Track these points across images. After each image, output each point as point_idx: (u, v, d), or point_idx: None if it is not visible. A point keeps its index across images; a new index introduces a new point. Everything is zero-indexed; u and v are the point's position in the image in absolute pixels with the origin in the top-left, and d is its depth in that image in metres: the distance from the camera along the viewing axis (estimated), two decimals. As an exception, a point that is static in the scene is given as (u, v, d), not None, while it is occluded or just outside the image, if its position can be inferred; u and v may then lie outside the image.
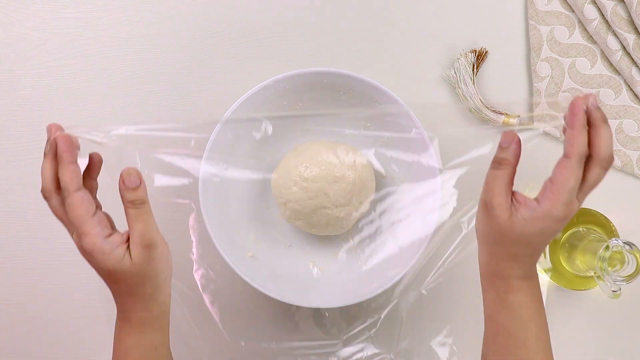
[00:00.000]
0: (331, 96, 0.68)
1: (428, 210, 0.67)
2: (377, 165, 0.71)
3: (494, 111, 0.74)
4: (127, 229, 0.53)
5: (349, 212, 0.68)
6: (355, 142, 0.72)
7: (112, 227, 0.54)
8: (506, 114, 0.74)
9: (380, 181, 0.71)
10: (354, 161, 0.68)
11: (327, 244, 0.72)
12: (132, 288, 0.53)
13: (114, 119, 0.75)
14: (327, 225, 0.68)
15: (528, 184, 0.75)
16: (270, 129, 0.69)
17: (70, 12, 0.76)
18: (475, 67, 0.74)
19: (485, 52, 0.75)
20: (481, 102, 0.74)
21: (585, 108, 0.49)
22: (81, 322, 0.76)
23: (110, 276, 0.53)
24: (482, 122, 0.74)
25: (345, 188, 0.67)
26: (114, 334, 0.57)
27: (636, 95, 0.75)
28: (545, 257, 0.71)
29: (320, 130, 0.72)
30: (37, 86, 0.75)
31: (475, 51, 0.74)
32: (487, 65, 0.76)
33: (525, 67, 0.76)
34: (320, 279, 0.69)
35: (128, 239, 0.53)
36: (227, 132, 0.67)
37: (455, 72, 0.74)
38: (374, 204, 0.71)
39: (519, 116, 0.74)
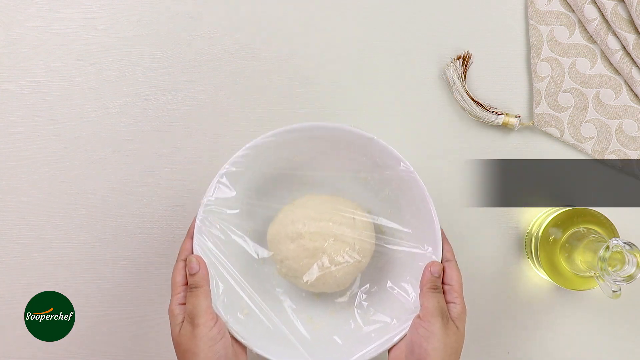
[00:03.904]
0: (331, 148, 0.66)
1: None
2: (377, 221, 0.69)
3: (494, 112, 0.74)
4: None
5: (346, 271, 0.66)
6: (354, 196, 0.69)
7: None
8: (506, 113, 0.74)
9: (380, 238, 0.69)
10: (354, 219, 0.66)
11: (323, 300, 0.70)
12: (180, 358, 0.61)
13: (113, 119, 0.75)
14: (324, 284, 0.66)
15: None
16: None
17: (70, 12, 0.76)
18: (463, 72, 0.74)
19: (470, 56, 0.75)
20: (477, 103, 0.74)
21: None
22: (80, 323, 0.76)
23: (172, 340, 0.61)
24: (481, 126, 0.75)
25: (344, 248, 0.65)
26: None
27: (636, 95, 0.75)
28: (531, 258, 0.71)
29: (319, 183, 0.69)
30: (37, 86, 0.75)
31: (461, 57, 0.75)
32: (486, 66, 0.76)
33: (525, 67, 0.76)
34: (315, 336, 0.66)
35: None
36: (222, 187, 0.65)
37: (447, 81, 0.74)
38: (373, 260, 0.69)
39: (519, 116, 0.74)
